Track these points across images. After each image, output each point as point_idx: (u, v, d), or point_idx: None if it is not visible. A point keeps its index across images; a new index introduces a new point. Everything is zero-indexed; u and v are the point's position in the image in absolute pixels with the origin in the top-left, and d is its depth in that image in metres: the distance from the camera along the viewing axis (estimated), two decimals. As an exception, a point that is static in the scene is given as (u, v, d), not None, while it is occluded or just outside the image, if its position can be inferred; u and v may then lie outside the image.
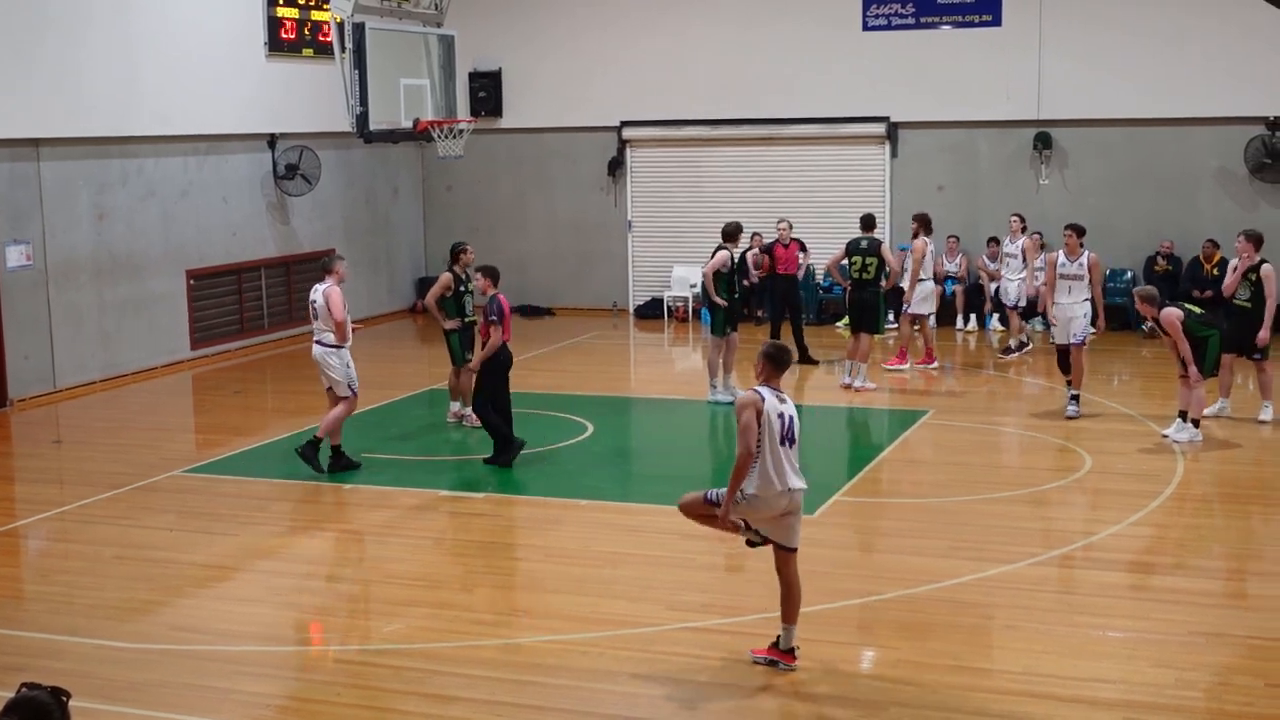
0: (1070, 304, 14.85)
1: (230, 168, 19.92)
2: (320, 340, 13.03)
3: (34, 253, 16.68)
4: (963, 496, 12.03)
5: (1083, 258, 14.87)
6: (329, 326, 12.92)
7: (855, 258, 16.59)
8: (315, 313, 13.06)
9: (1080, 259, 14.88)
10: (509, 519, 11.84)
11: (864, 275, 16.55)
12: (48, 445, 14.79)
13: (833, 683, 8.11)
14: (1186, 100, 20.48)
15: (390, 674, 8.37)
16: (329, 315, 12.85)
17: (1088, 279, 14.86)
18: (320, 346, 13.04)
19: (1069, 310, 14.84)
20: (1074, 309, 14.82)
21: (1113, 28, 20.66)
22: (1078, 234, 14.96)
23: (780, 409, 8.08)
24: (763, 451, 7.96)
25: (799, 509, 8.22)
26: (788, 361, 8.37)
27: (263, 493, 12.75)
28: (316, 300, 13.01)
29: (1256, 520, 11.56)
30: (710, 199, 22.78)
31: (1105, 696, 7.85)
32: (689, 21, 22.64)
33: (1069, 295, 14.85)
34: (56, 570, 10.70)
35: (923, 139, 21.93)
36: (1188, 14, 20.36)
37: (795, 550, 8.25)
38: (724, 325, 15.66)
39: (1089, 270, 14.86)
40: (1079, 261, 14.87)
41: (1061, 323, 14.94)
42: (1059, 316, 14.94)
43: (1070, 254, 14.93)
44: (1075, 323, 14.80)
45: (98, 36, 17.24)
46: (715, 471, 13.98)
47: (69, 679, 6.61)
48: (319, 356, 13.06)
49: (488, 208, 24.26)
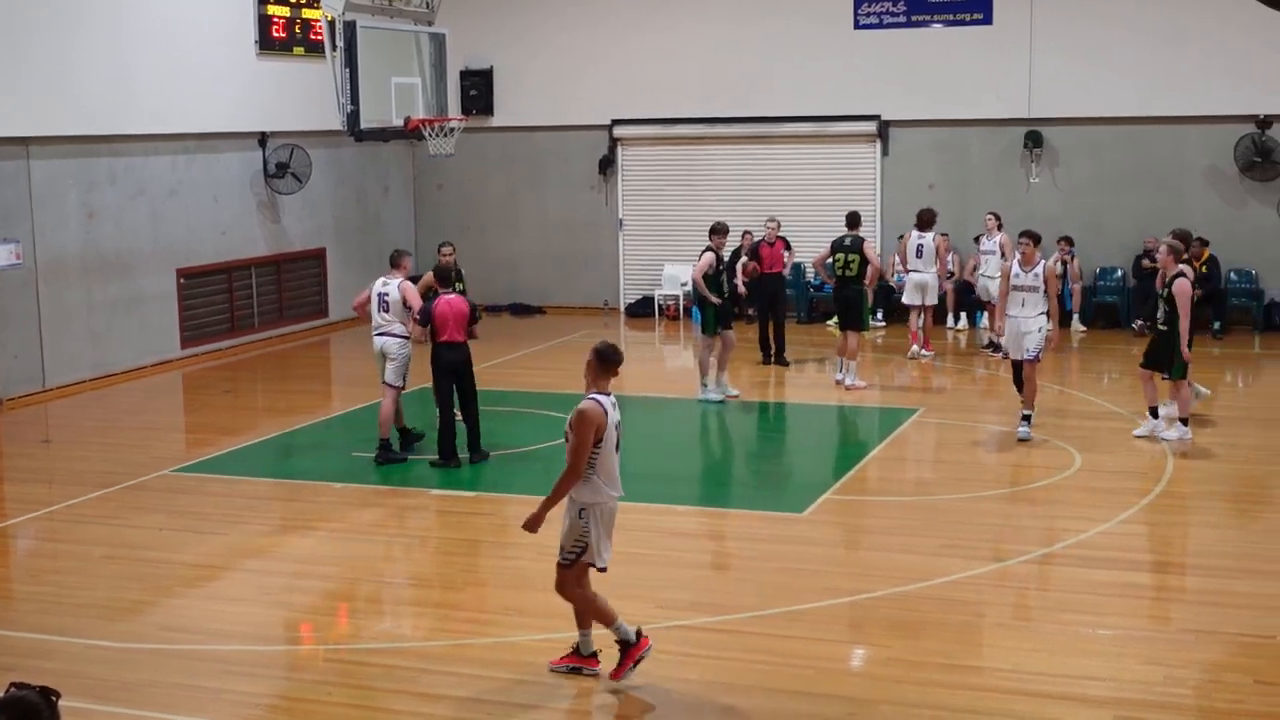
0: (1024, 317, 13.72)
1: (220, 166, 19.88)
2: (390, 331, 13.49)
3: (23, 251, 16.64)
4: (953, 495, 12.04)
5: (1038, 267, 13.75)
6: (400, 318, 13.39)
7: (839, 255, 16.63)
8: (385, 305, 13.48)
9: (1036, 269, 13.75)
10: (499, 517, 11.83)
11: (847, 273, 16.59)
12: (37, 445, 14.75)
13: (823, 680, 8.11)
14: (1177, 99, 20.51)
15: (380, 673, 8.36)
16: (402, 307, 13.32)
17: (1043, 290, 13.71)
18: (389, 338, 13.50)
19: (1022, 324, 13.71)
20: (1028, 323, 13.69)
21: (1103, 26, 20.69)
22: (1034, 241, 13.89)
23: (616, 419, 7.86)
24: (600, 460, 7.76)
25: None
26: (618, 360, 7.98)
27: (252, 492, 12.74)
28: (388, 294, 13.47)
29: (1245, 518, 11.59)
30: (702, 197, 22.80)
31: (1095, 694, 7.86)
32: (681, 20, 22.64)
33: (1022, 308, 13.73)
34: (46, 570, 10.68)
35: (914, 137, 21.95)
36: (1178, 13, 20.39)
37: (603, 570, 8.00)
38: (715, 324, 15.73)
39: (1045, 282, 13.73)
40: (1034, 272, 13.74)
41: (1013, 336, 13.83)
42: (1011, 330, 13.82)
43: (1025, 263, 13.80)
44: (1029, 338, 13.69)
45: (87, 35, 17.20)
46: (704, 470, 14.01)
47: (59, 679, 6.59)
48: (387, 347, 13.50)
49: (479, 206, 24.25)
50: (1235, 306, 20.49)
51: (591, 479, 7.77)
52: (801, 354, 18.99)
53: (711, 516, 11.81)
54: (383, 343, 13.51)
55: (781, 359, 18.15)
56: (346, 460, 13.67)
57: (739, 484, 13.37)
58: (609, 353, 7.91)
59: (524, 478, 12.81)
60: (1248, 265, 20.53)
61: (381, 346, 13.52)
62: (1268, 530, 11.16)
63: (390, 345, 13.49)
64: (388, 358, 13.49)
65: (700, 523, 11.60)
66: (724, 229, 16.05)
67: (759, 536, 11.31)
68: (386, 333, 13.49)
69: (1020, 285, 13.79)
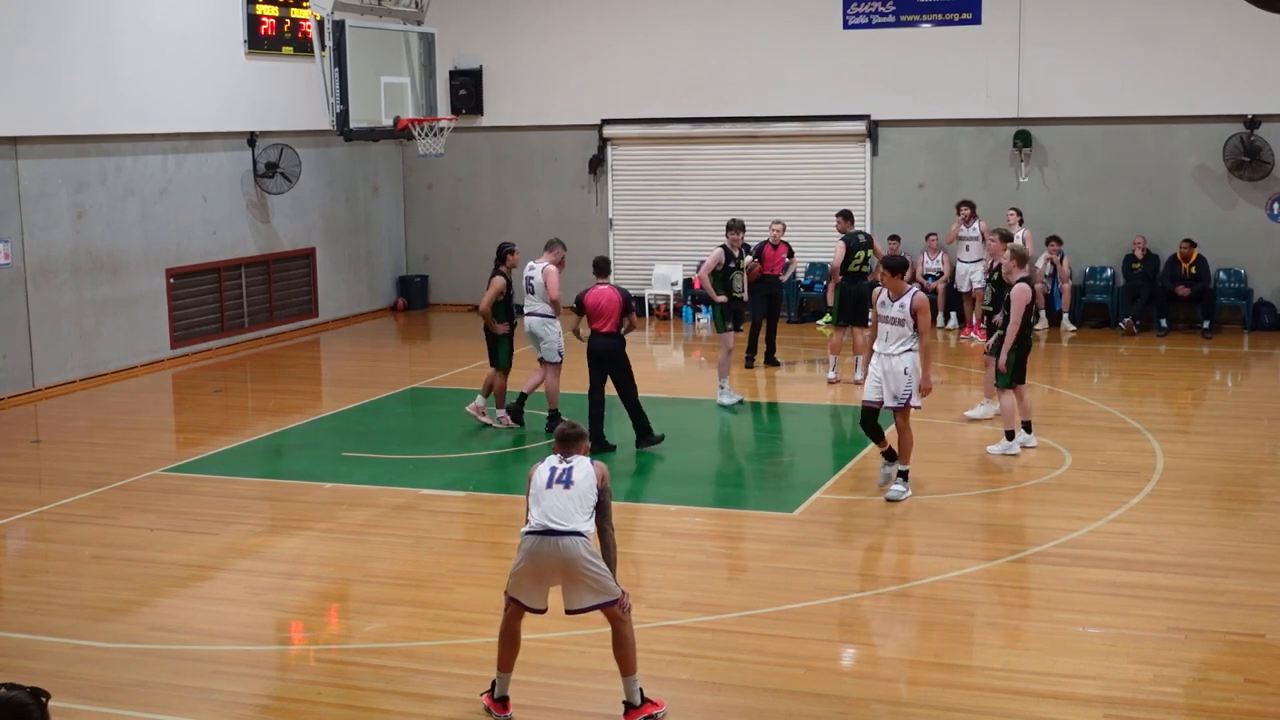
0: (889, 355, 11.64)
1: (210, 166, 19.85)
2: (535, 311, 14.32)
3: (12, 251, 16.60)
4: (943, 494, 12.06)
5: (905, 298, 11.58)
6: (545, 299, 14.18)
7: (859, 252, 16.84)
8: (531, 288, 14.36)
9: (903, 299, 11.59)
10: (491, 517, 11.83)
11: (864, 268, 16.86)
12: (26, 445, 14.71)
13: (814, 679, 8.12)
14: (1166, 98, 20.56)
15: (371, 673, 8.36)
16: (545, 290, 14.17)
17: (913, 326, 11.55)
18: (534, 317, 14.32)
19: (887, 362, 11.64)
20: (893, 361, 11.61)
21: (1092, 26, 20.73)
22: (893, 272, 11.67)
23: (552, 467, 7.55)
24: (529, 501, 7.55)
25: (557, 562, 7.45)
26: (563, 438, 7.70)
27: (243, 492, 12.72)
28: (534, 276, 14.34)
29: (1235, 517, 11.61)
30: (691, 197, 22.84)
31: (1085, 693, 7.88)
32: (670, 19, 22.64)
33: (886, 343, 11.67)
34: (36, 570, 10.66)
35: (903, 137, 21.97)
36: (1167, 12, 20.43)
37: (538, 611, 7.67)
38: (725, 321, 15.83)
39: (913, 315, 11.52)
40: (900, 303, 11.60)
41: (875, 377, 11.72)
42: (874, 368, 11.74)
43: (893, 294, 11.67)
44: (895, 379, 11.62)
45: (76, 34, 17.16)
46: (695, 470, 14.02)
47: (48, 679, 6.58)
48: (533, 326, 14.32)
49: (468, 206, 24.24)
50: (1224, 306, 20.54)
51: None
52: (792, 354, 19.01)
53: (703, 516, 11.82)
54: (530, 322, 14.35)
55: (773, 359, 18.17)
56: (337, 460, 13.66)
57: (730, 483, 13.37)
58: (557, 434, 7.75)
59: (515, 478, 12.80)
60: (1236, 265, 20.58)
61: (530, 326, 14.35)
62: (1257, 529, 11.18)
63: (536, 324, 14.31)
64: (538, 338, 14.31)
65: (691, 522, 11.60)
66: (740, 226, 16.10)
67: (750, 536, 11.34)
68: (533, 313, 14.34)
69: (886, 316, 11.69)
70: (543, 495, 7.47)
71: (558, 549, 7.36)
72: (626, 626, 7.54)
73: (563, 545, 7.35)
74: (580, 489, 7.45)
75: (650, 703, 7.61)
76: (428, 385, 17.58)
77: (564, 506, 7.41)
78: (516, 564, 7.55)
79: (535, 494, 7.51)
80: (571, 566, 7.38)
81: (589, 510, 7.47)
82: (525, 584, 7.53)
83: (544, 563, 7.42)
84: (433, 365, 19.38)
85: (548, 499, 7.45)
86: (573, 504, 7.41)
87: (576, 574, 7.39)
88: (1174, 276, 20.14)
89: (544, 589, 7.56)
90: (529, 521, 7.49)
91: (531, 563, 7.46)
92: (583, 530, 7.41)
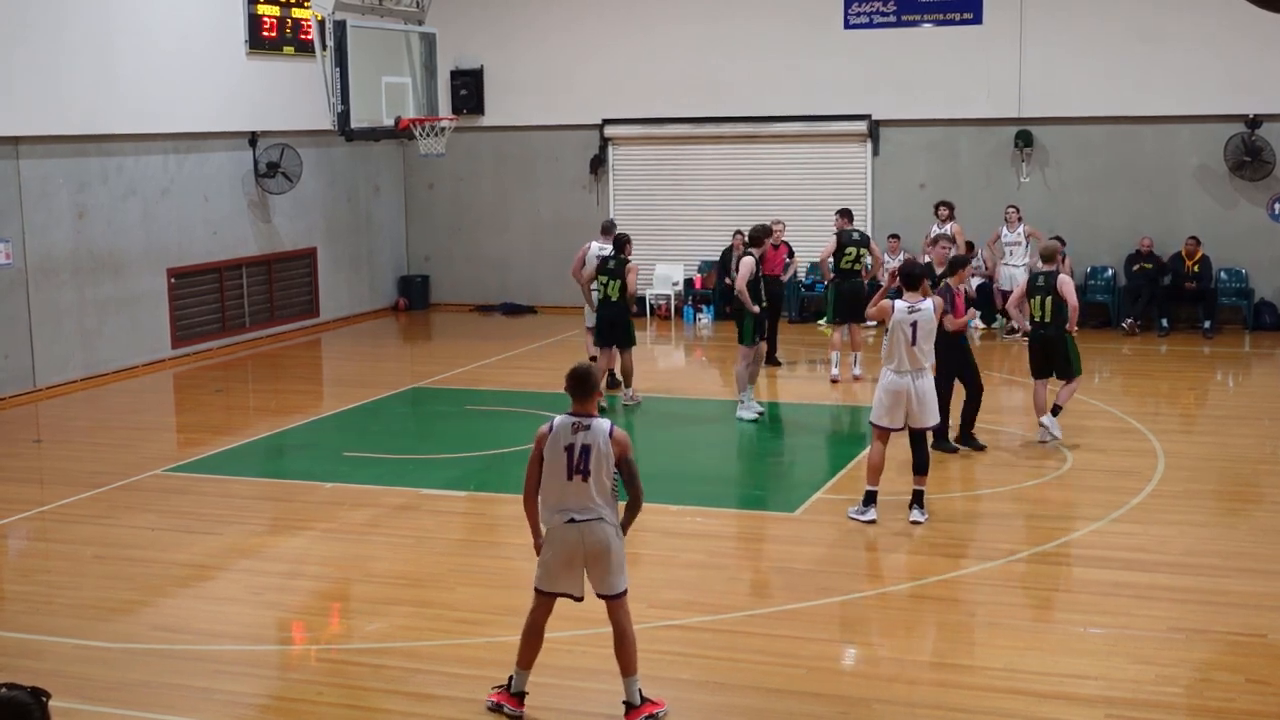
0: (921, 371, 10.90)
1: (211, 166, 19.85)
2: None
3: (13, 251, 16.60)
4: (944, 494, 12.05)
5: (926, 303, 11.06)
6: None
7: (850, 249, 16.81)
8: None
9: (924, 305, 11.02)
10: (491, 517, 11.83)
11: (856, 266, 16.88)
12: (28, 444, 14.71)
13: (815, 680, 8.12)
14: (1167, 98, 20.55)
15: (372, 673, 8.35)
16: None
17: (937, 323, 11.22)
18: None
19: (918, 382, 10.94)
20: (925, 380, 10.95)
21: (1093, 26, 20.72)
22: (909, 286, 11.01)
23: (569, 441, 7.47)
24: (543, 481, 7.55)
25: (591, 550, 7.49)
26: (574, 382, 7.60)
27: (244, 492, 12.72)
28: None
29: (1236, 517, 11.61)
30: (692, 197, 22.85)
31: (1086, 693, 7.87)
32: (671, 19, 22.64)
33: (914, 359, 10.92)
34: (37, 570, 10.66)
35: (904, 137, 21.97)
36: (1167, 12, 20.43)
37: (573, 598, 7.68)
38: (753, 334, 14.94)
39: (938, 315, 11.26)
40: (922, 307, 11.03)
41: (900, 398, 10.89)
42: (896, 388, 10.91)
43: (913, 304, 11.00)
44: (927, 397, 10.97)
45: (76, 34, 17.16)
46: (696, 470, 14.01)
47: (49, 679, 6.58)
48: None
49: (470, 206, 24.23)
50: (1225, 306, 20.54)
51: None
52: (793, 354, 19.00)
53: (704, 516, 11.81)
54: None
55: (773, 359, 18.15)
56: (338, 460, 13.65)
57: (731, 483, 13.37)
58: (571, 375, 7.63)
59: (516, 478, 12.77)
60: (1237, 265, 20.57)
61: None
62: (1258, 529, 11.18)
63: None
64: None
65: (693, 522, 11.59)
66: (768, 231, 15.51)
67: (751, 536, 11.33)
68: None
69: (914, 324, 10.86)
70: (564, 487, 7.50)
71: (587, 535, 7.46)
72: (628, 626, 7.55)
73: (590, 530, 7.45)
74: (596, 477, 7.48)
75: (651, 702, 7.62)
76: (429, 385, 17.58)
77: (584, 499, 7.48)
78: (544, 556, 7.61)
79: (554, 480, 7.50)
80: (600, 550, 7.47)
81: (608, 494, 7.54)
82: (557, 572, 7.59)
83: (573, 550, 7.51)
84: (434, 365, 19.38)
85: (569, 492, 7.49)
86: (593, 491, 7.48)
87: (605, 559, 7.49)
88: (1179, 274, 20.15)
89: (577, 575, 7.60)
90: (542, 501, 7.56)
91: (560, 550, 7.53)
92: (606, 516, 7.50)
